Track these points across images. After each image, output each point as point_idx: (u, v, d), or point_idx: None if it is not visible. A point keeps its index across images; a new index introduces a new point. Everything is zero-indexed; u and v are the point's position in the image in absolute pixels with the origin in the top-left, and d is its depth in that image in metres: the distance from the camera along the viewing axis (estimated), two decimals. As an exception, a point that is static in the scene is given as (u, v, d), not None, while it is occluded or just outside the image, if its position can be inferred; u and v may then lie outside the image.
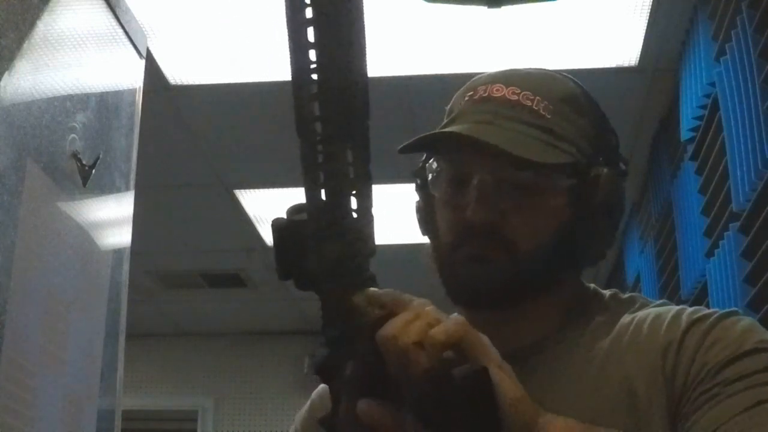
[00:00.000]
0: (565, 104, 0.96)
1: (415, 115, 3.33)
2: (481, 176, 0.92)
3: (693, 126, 2.74)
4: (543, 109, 0.94)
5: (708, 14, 2.57)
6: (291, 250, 0.72)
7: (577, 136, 0.95)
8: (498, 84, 0.96)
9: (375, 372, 0.68)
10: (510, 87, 0.95)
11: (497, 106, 0.94)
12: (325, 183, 0.66)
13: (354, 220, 0.67)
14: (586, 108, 0.98)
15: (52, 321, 1.51)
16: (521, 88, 0.95)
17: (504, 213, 0.92)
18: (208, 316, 5.80)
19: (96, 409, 1.67)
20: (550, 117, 0.94)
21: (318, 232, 0.68)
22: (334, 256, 0.68)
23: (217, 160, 3.83)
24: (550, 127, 0.93)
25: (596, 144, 0.97)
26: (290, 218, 0.72)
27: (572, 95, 0.98)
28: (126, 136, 1.90)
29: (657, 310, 0.94)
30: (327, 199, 0.66)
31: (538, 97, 0.94)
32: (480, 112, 0.95)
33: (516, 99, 0.94)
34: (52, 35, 1.56)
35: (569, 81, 1.00)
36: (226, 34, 2.93)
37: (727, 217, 2.39)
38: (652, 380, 0.87)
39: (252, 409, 6.02)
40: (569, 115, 0.95)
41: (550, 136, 0.93)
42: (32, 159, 1.46)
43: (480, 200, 0.91)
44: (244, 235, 4.50)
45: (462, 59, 3.00)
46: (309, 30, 0.63)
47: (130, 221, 1.92)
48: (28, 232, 1.43)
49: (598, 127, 0.98)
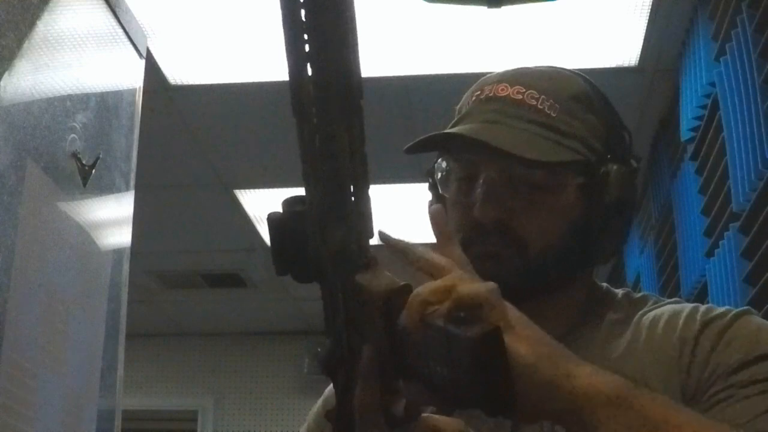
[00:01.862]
0: (574, 102, 0.96)
1: (415, 115, 3.33)
2: (487, 175, 0.93)
3: (693, 126, 2.74)
4: (548, 108, 0.94)
5: (708, 14, 2.57)
6: (290, 242, 0.71)
7: (587, 133, 0.95)
8: (504, 83, 0.97)
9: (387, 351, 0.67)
10: (515, 86, 0.96)
11: (502, 105, 0.95)
12: (326, 164, 0.65)
13: (353, 202, 0.66)
14: (597, 105, 0.98)
15: (52, 321, 1.50)
16: (526, 87, 0.95)
17: (513, 211, 0.92)
18: (208, 316, 5.80)
19: (96, 409, 1.67)
20: (555, 115, 0.94)
21: (321, 215, 0.67)
22: (338, 239, 0.67)
23: (217, 160, 3.83)
24: (555, 125, 0.94)
25: (607, 141, 0.97)
26: (289, 210, 0.71)
27: (582, 93, 0.98)
28: (126, 136, 1.90)
29: (672, 308, 0.95)
30: (327, 182, 0.66)
31: (543, 95, 0.95)
32: (486, 112, 0.95)
33: (520, 98, 0.95)
34: (52, 35, 1.56)
35: (579, 78, 1.00)
36: (226, 34, 2.93)
37: (727, 217, 2.39)
38: (668, 378, 0.87)
39: (252, 409, 6.02)
40: (578, 112, 0.96)
41: (555, 134, 0.93)
42: (32, 159, 1.46)
43: (487, 199, 0.92)
44: (244, 235, 4.50)
45: (462, 59, 3.00)
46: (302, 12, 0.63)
47: (130, 221, 1.92)
48: (28, 232, 1.43)
49: (609, 125, 0.98)
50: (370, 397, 0.69)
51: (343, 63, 0.62)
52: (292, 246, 0.71)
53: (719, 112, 2.39)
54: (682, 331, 0.90)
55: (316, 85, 0.63)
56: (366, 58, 0.64)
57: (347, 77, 0.63)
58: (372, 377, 0.69)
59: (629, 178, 0.96)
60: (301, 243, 0.70)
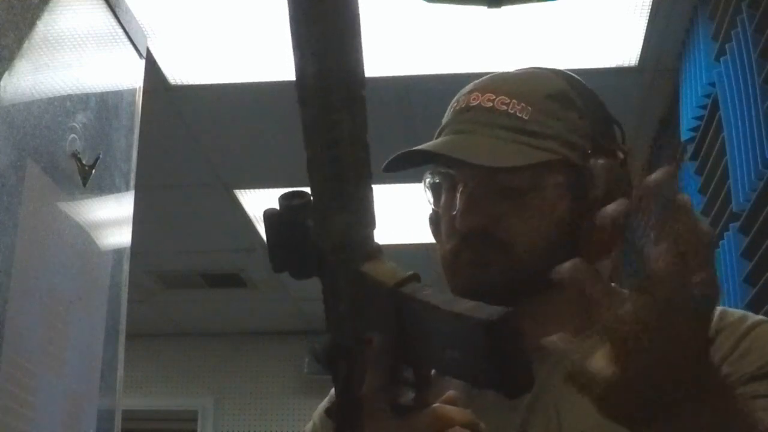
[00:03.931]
0: (550, 101, 0.97)
1: (415, 115, 3.33)
2: (465, 186, 0.95)
3: (693, 126, 2.74)
4: (520, 112, 0.95)
5: (708, 14, 2.57)
6: (288, 237, 0.71)
7: (565, 131, 0.95)
8: (476, 92, 0.98)
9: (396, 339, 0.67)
10: (486, 94, 0.97)
11: (475, 115, 0.97)
12: (328, 153, 0.65)
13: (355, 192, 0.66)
14: (579, 102, 0.98)
15: (52, 321, 1.51)
16: (497, 94, 0.97)
17: (493, 217, 0.94)
18: (208, 316, 5.80)
19: (96, 409, 1.67)
20: (528, 118, 0.95)
21: (323, 204, 0.67)
22: (341, 228, 0.67)
23: (217, 160, 3.83)
24: (527, 128, 0.94)
25: (592, 136, 0.97)
26: (286, 204, 0.71)
27: (559, 91, 0.98)
28: (126, 136, 1.90)
29: None
30: (329, 170, 0.65)
31: (514, 100, 0.96)
32: (460, 122, 0.98)
33: (491, 105, 0.96)
34: (52, 35, 1.56)
35: (557, 77, 1.00)
36: (226, 34, 2.93)
37: (727, 217, 2.39)
38: None
39: (252, 409, 6.02)
40: (556, 111, 0.96)
41: (527, 137, 0.94)
42: (32, 159, 1.46)
43: (465, 209, 0.94)
44: (244, 235, 4.50)
45: (462, 59, 3.00)
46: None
47: (130, 221, 1.92)
48: (28, 232, 1.43)
49: (593, 119, 0.98)
50: (378, 387, 0.69)
51: (346, 52, 0.62)
52: (290, 241, 0.71)
53: (719, 112, 2.39)
54: None
55: (319, 73, 0.63)
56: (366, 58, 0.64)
57: (350, 66, 0.63)
58: (381, 366, 0.69)
59: (618, 171, 0.96)
60: (300, 237, 0.70)
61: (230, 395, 6.05)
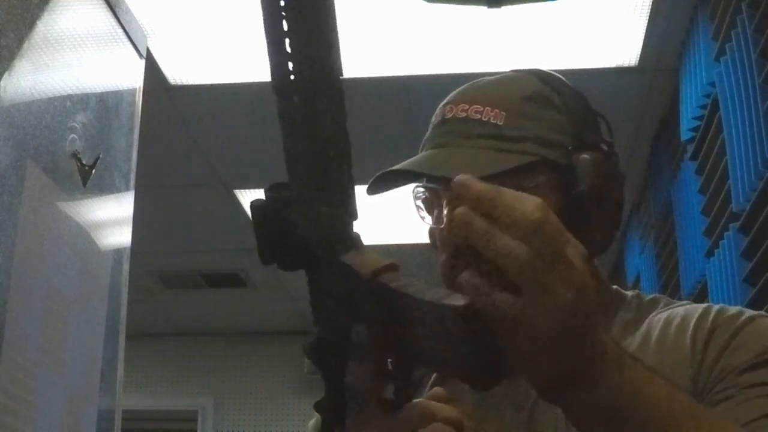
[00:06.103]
0: (526, 103, 0.97)
1: (415, 115, 3.33)
2: (447, 199, 0.95)
3: (693, 126, 2.74)
4: (493, 118, 0.95)
5: (708, 14, 2.57)
6: (276, 229, 0.70)
7: (544, 131, 0.96)
8: (450, 104, 0.99)
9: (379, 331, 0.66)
10: (460, 104, 0.98)
11: (451, 127, 0.97)
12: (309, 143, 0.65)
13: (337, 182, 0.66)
14: (557, 100, 0.98)
15: (52, 321, 1.51)
16: (470, 103, 0.97)
17: None
18: (208, 316, 5.80)
19: (96, 409, 1.67)
20: (502, 123, 0.95)
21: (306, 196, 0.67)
22: (323, 219, 0.66)
23: (217, 160, 3.83)
24: (502, 133, 0.95)
25: (573, 132, 0.97)
26: (272, 195, 0.70)
27: (535, 92, 0.98)
28: (126, 136, 1.90)
29: (685, 309, 0.96)
30: (312, 161, 0.65)
31: (487, 107, 0.96)
32: (438, 136, 0.99)
33: (464, 116, 0.97)
34: (52, 35, 1.56)
35: (533, 78, 1.01)
36: (226, 34, 2.93)
37: (727, 217, 2.39)
38: (680, 376, 0.88)
39: (252, 409, 6.03)
40: (533, 112, 0.96)
41: (501, 142, 0.94)
42: (32, 159, 1.46)
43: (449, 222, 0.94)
44: (244, 235, 4.49)
45: (462, 59, 3.00)
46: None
47: (130, 221, 1.92)
48: (28, 232, 1.43)
49: (574, 115, 0.98)
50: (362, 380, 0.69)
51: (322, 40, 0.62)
52: (277, 232, 0.71)
53: (719, 112, 2.39)
54: (695, 331, 0.91)
55: (296, 61, 0.63)
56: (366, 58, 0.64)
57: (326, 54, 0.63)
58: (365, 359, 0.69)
59: (604, 163, 0.96)
60: (287, 228, 0.69)
61: (230, 395, 6.05)
